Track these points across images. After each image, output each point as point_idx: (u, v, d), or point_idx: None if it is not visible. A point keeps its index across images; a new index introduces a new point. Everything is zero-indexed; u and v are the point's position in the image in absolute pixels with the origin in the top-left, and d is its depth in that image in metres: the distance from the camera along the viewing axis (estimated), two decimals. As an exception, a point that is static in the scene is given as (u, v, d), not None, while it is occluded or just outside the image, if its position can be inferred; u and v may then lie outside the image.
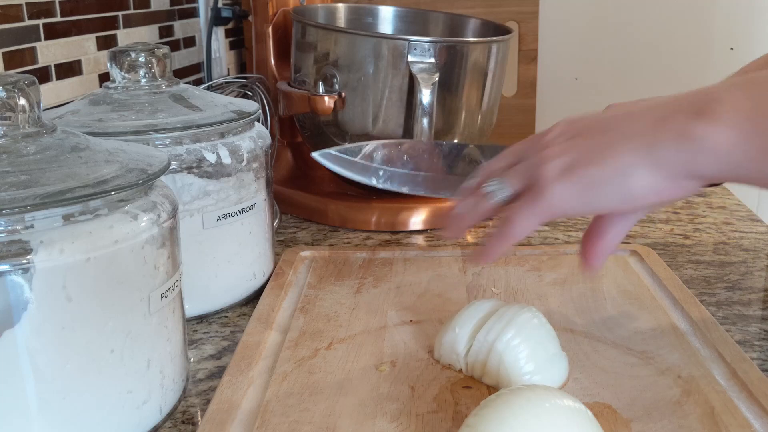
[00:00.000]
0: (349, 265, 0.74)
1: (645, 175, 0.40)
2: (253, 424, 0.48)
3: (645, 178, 0.40)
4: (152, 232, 0.46)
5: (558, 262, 0.65)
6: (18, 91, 0.44)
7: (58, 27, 0.78)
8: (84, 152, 0.46)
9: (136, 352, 0.46)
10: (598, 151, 0.42)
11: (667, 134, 0.40)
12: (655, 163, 0.40)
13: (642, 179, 0.40)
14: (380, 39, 0.84)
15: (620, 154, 0.41)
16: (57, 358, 0.42)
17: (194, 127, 0.60)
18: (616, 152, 0.41)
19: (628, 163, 0.40)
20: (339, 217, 0.89)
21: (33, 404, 0.42)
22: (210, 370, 0.57)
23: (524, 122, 1.20)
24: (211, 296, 0.66)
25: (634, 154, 0.40)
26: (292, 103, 0.89)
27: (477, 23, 0.99)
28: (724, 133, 0.38)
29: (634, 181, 0.40)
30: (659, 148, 0.40)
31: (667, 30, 1.25)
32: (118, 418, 0.46)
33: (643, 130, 0.41)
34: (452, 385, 0.52)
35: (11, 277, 0.40)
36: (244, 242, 0.66)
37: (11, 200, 0.39)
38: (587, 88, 1.28)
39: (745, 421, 0.47)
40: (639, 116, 0.42)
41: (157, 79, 0.63)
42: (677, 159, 0.40)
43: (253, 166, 0.65)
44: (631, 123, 0.42)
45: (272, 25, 0.98)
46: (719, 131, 0.38)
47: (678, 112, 0.41)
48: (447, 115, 0.86)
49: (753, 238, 0.82)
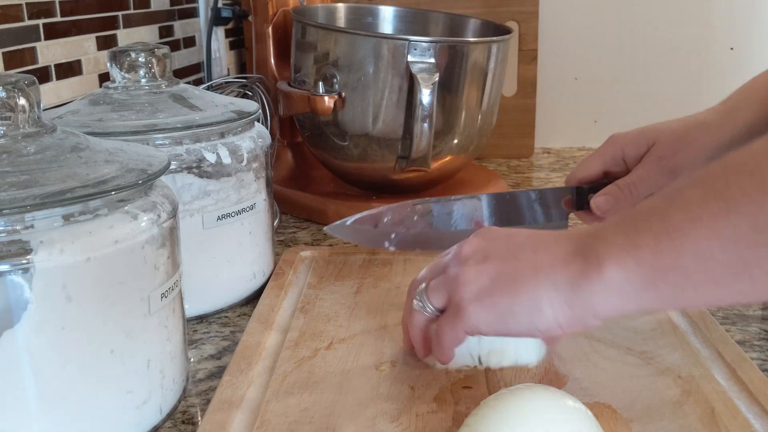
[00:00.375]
0: (349, 265, 0.74)
1: (550, 312, 0.43)
2: (253, 424, 0.48)
3: (551, 314, 0.43)
4: (152, 232, 0.46)
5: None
6: (18, 91, 0.44)
7: (58, 27, 0.78)
8: (84, 152, 0.46)
9: (136, 352, 0.46)
10: (510, 280, 0.45)
11: (566, 275, 0.43)
12: (560, 301, 0.43)
13: (548, 315, 0.44)
14: (380, 39, 0.84)
15: (529, 289, 0.44)
16: (57, 358, 0.42)
17: (194, 127, 0.60)
18: (526, 286, 0.44)
19: (536, 298, 0.44)
20: (339, 217, 0.88)
21: (33, 404, 0.42)
22: (210, 370, 0.57)
23: (524, 122, 1.20)
24: (211, 296, 0.66)
25: (541, 290, 0.44)
26: (292, 103, 0.89)
27: (477, 23, 0.99)
28: (611, 272, 0.41)
29: (542, 315, 0.44)
30: (561, 289, 0.43)
31: (667, 30, 1.25)
32: (118, 418, 0.46)
33: (548, 265, 0.44)
34: (452, 385, 0.52)
35: (11, 277, 0.40)
36: (244, 242, 0.66)
37: (11, 200, 0.39)
38: (587, 88, 1.28)
39: (745, 422, 0.47)
40: (544, 250, 0.45)
41: (157, 79, 0.63)
42: (578, 300, 0.43)
43: (253, 166, 0.65)
44: (536, 256, 0.45)
45: (272, 25, 0.98)
46: (606, 272, 0.41)
47: (575, 253, 0.43)
48: (447, 115, 0.86)
49: (753, 238, 0.82)
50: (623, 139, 0.65)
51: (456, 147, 0.89)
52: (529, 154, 1.22)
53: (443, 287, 0.49)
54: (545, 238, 0.47)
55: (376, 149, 0.86)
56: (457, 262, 0.48)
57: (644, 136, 0.64)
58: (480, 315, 0.46)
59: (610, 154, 0.65)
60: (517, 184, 1.07)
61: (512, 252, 0.46)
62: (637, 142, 0.64)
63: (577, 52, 1.27)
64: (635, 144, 0.64)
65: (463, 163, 0.93)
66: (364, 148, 0.86)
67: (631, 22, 1.25)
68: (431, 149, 0.82)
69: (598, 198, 0.64)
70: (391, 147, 0.85)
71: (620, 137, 0.66)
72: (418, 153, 0.82)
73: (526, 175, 1.12)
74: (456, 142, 0.88)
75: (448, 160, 0.89)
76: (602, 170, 0.66)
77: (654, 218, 0.40)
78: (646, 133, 0.64)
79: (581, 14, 1.26)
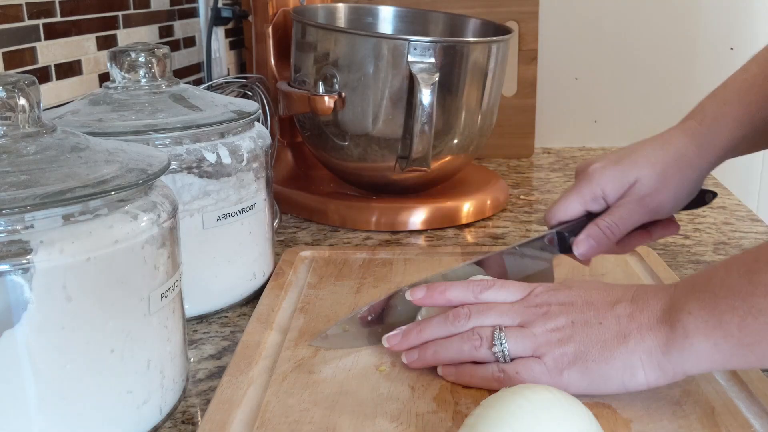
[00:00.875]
0: (349, 265, 0.74)
1: (643, 375, 0.47)
2: (253, 424, 0.48)
3: (644, 377, 0.47)
4: (152, 232, 0.46)
5: (558, 262, 0.65)
6: (18, 91, 0.44)
7: (58, 27, 0.78)
8: (84, 152, 0.46)
9: (136, 352, 0.46)
10: (601, 347, 0.48)
11: (655, 342, 0.47)
12: (652, 366, 0.47)
13: (642, 378, 0.47)
14: (380, 39, 0.84)
15: (623, 355, 0.47)
16: (57, 358, 0.42)
17: (194, 127, 0.60)
18: (618, 352, 0.48)
19: (629, 364, 0.47)
20: (339, 217, 0.89)
21: (33, 404, 0.42)
22: (210, 370, 0.57)
23: (524, 122, 1.20)
24: (211, 296, 0.66)
25: (634, 356, 0.47)
26: (292, 103, 0.89)
27: (477, 23, 0.99)
28: (700, 344, 0.45)
29: (635, 378, 0.47)
30: (653, 354, 0.47)
31: (667, 30, 1.25)
32: (118, 418, 0.46)
33: (635, 332, 0.48)
34: (452, 385, 0.52)
35: (11, 277, 0.40)
36: (244, 242, 0.66)
37: (11, 200, 0.39)
38: (587, 88, 1.28)
39: (745, 421, 0.47)
40: (627, 318, 0.49)
41: (157, 79, 0.63)
42: (669, 364, 0.46)
43: (253, 166, 0.65)
44: (620, 323, 0.49)
45: (272, 25, 0.98)
46: (695, 343, 0.45)
47: (660, 321, 0.47)
48: (447, 115, 0.86)
49: (753, 238, 0.82)
50: (601, 178, 0.63)
51: (456, 147, 0.89)
52: (529, 154, 1.22)
53: (528, 342, 0.50)
54: (620, 300, 0.50)
55: (376, 149, 0.86)
56: (543, 320, 0.51)
57: (624, 175, 0.63)
58: (573, 378, 0.48)
59: (589, 195, 0.63)
60: (517, 184, 1.07)
61: (596, 317, 0.50)
62: (618, 180, 0.63)
63: (577, 52, 1.27)
64: (616, 183, 0.63)
65: (463, 163, 0.93)
66: (364, 148, 0.86)
67: (631, 22, 1.25)
68: (431, 149, 0.82)
69: (580, 244, 0.62)
70: (391, 147, 0.85)
71: (597, 175, 0.64)
72: (418, 153, 0.82)
73: (526, 175, 1.12)
74: (456, 142, 0.88)
75: (448, 160, 0.89)
76: (583, 211, 0.64)
77: (736, 299, 0.44)
78: (625, 172, 0.63)
79: (581, 14, 1.26)
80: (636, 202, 0.63)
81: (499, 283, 0.55)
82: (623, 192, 0.63)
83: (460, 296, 0.54)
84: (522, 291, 0.54)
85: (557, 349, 0.49)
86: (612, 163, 0.64)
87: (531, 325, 0.51)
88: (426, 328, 0.54)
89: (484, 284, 0.54)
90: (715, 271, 0.47)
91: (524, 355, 0.50)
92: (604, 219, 0.63)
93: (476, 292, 0.54)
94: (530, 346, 0.50)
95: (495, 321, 0.52)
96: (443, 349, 0.52)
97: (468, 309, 0.53)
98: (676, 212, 0.66)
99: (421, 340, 0.54)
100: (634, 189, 0.63)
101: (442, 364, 0.53)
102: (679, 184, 0.63)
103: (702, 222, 0.88)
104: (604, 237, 0.62)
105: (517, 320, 0.52)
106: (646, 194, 0.63)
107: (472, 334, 0.52)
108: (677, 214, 0.67)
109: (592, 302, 0.51)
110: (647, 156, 0.64)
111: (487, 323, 0.52)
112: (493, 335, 0.51)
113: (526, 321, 0.51)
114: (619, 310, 0.49)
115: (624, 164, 0.64)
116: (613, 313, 0.49)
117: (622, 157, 0.65)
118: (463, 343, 0.52)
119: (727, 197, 0.97)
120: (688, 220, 0.88)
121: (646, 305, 0.49)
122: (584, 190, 0.64)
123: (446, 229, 0.88)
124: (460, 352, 0.52)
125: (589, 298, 0.51)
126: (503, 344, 0.50)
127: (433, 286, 0.55)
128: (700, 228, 0.86)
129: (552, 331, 0.50)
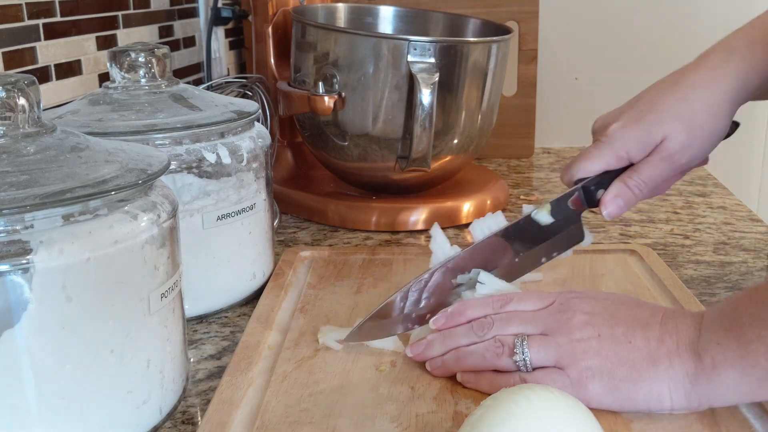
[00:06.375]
0: (348, 266, 0.74)
1: (669, 402, 0.47)
2: (253, 424, 0.48)
3: (670, 404, 0.47)
4: (152, 232, 0.46)
5: (558, 262, 0.65)
6: (18, 91, 0.44)
7: (58, 27, 0.78)
8: (84, 152, 0.46)
9: (136, 352, 0.46)
10: (629, 367, 0.48)
11: (683, 371, 0.47)
12: (678, 394, 0.47)
13: (668, 404, 0.47)
14: (380, 39, 0.84)
15: (651, 380, 0.47)
16: (57, 358, 0.42)
17: (194, 127, 0.60)
18: (647, 375, 0.47)
19: (657, 390, 0.47)
20: (339, 217, 0.89)
21: (33, 404, 0.42)
22: (210, 370, 0.57)
23: (524, 122, 1.20)
24: (211, 296, 0.66)
25: (662, 382, 0.47)
26: (292, 103, 0.89)
27: (477, 23, 0.99)
28: (727, 374, 0.45)
29: (662, 405, 0.47)
30: (680, 383, 0.47)
31: (667, 30, 1.25)
32: (118, 418, 0.46)
33: (664, 357, 0.47)
34: (452, 385, 0.52)
35: (11, 277, 0.40)
36: (244, 242, 0.66)
37: (11, 200, 0.39)
38: (587, 88, 1.28)
39: (745, 421, 0.47)
40: (656, 341, 0.48)
41: (157, 79, 0.63)
42: (695, 394, 0.47)
43: (253, 166, 0.65)
44: (649, 345, 0.48)
45: (272, 25, 0.98)
46: (723, 373, 0.45)
47: (688, 348, 0.47)
48: (447, 115, 0.85)
49: (753, 238, 0.82)
50: (623, 140, 0.59)
51: (456, 147, 0.89)
52: (529, 154, 1.22)
53: (552, 351, 0.50)
54: (649, 322, 0.49)
55: (376, 149, 0.86)
56: (567, 329, 0.50)
57: (649, 135, 0.58)
58: (598, 392, 0.48)
59: (612, 157, 0.60)
60: (517, 184, 1.07)
61: (624, 334, 0.49)
62: (643, 141, 0.59)
63: (577, 52, 1.27)
64: (641, 143, 0.59)
65: (463, 163, 0.93)
66: (364, 148, 0.86)
67: (631, 22, 1.25)
68: (431, 149, 0.82)
69: (608, 204, 0.59)
70: (391, 147, 0.85)
71: (618, 135, 0.60)
72: (418, 153, 0.82)
73: (526, 175, 1.12)
74: (456, 142, 0.88)
75: (448, 160, 0.89)
76: (604, 171, 0.60)
77: (762, 329, 0.44)
78: (650, 132, 0.58)
79: (581, 14, 1.26)
80: (665, 160, 0.59)
81: (518, 296, 0.55)
82: (650, 151, 0.59)
83: (480, 314, 0.54)
84: (543, 300, 0.53)
85: (582, 362, 0.48)
86: (633, 121, 0.60)
87: (554, 333, 0.50)
88: (450, 337, 0.54)
89: (505, 298, 0.54)
90: (740, 300, 0.46)
91: (546, 364, 0.50)
92: (632, 177, 0.59)
93: (497, 307, 0.54)
94: (553, 356, 0.50)
95: (517, 329, 0.52)
96: (465, 356, 0.52)
97: (491, 318, 0.53)
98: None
99: (446, 349, 0.53)
100: (662, 146, 0.59)
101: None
102: (710, 135, 0.59)
103: (702, 222, 0.88)
104: (633, 196, 0.59)
105: (540, 328, 0.51)
106: (676, 151, 0.59)
107: (494, 341, 0.52)
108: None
109: (619, 318, 0.50)
110: (673, 110, 0.59)
111: (509, 331, 0.52)
112: (514, 343, 0.50)
113: (550, 329, 0.51)
114: (649, 332, 0.49)
115: (647, 122, 0.59)
116: (642, 333, 0.49)
117: (643, 113, 0.60)
118: (485, 351, 0.51)
119: (727, 197, 0.97)
120: (688, 220, 0.88)
121: (675, 331, 0.48)
122: (606, 151, 0.60)
123: (446, 229, 0.88)
124: (482, 359, 0.52)
125: (615, 312, 0.50)
126: (525, 353, 0.50)
127: (453, 310, 0.55)
128: (700, 228, 0.86)
129: (577, 341, 0.49)
